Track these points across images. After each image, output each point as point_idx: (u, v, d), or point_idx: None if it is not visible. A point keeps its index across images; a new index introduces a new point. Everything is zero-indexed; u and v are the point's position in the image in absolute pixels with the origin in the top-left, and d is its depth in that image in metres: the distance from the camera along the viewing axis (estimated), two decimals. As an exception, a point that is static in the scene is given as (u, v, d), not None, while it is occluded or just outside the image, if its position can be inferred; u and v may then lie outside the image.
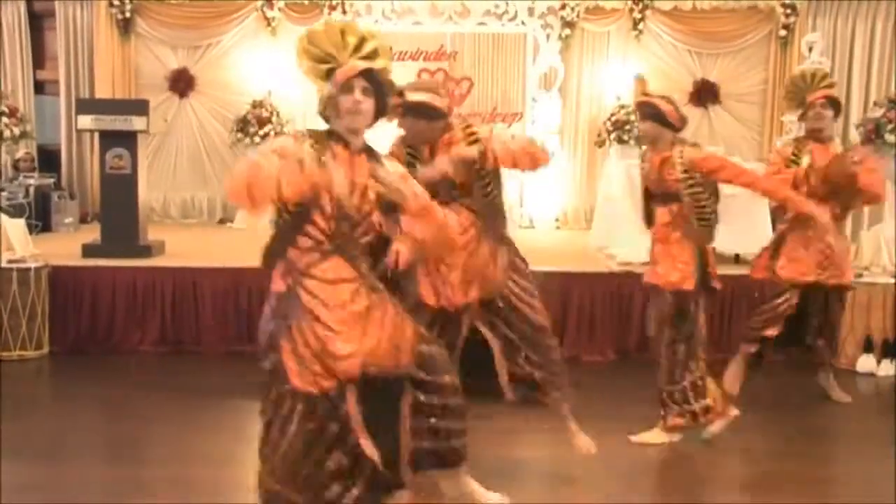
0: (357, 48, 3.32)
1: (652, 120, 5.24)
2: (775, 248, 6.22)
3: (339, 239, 3.29)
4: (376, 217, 3.38)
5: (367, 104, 3.30)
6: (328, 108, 3.34)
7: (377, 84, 3.33)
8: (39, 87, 11.92)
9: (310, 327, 3.26)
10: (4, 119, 8.11)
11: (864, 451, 5.72)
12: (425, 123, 4.64)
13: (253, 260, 5.87)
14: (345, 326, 3.29)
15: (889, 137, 8.01)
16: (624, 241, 8.03)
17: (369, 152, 3.39)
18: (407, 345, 3.45)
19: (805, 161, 5.87)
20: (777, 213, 6.37)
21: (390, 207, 3.41)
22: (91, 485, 4.96)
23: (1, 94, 8.39)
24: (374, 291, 3.41)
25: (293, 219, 3.24)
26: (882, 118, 8.07)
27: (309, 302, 3.27)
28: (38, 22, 11.80)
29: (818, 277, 6.03)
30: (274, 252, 3.34)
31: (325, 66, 3.30)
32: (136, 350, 7.61)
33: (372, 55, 3.33)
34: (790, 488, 5.06)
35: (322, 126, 3.37)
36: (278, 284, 3.32)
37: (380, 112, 3.39)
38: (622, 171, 8.34)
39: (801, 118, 6.13)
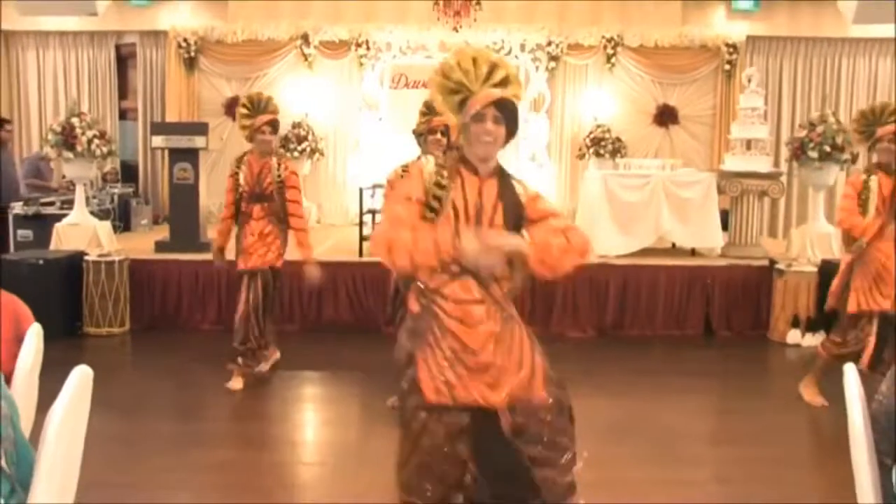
0: (488, 76, 2.84)
1: None
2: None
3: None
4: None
5: (499, 132, 2.80)
6: (461, 135, 2.88)
7: (508, 112, 2.82)
8: (123, 114, 11.98)
9: (445, 343, 2.79)
10: (96, 140, 8.11)
11: (791, 405, 5.73)
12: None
13: (292, 254, 5.93)
14: (478, 344, 2.77)
15: (811, 153, 7.97)
16: (601, 237, 8.02)
17: (501, 176, 2.86)
18: (539, 381, 2.87)
19: (874, 190, 5.21)
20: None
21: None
22: (162, 436, 5.01)
23: (93, 120, 8.42)
24: (508, 317, 2.86)
25: None
26: (805, 137, 8.03)
27: (443, 320, 2.79)
28: (123, 62, 11.88)
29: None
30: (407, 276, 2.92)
31: (458, 98, 2.85)
32: (197, 328, 7.65)
33: (503, 83, 2.85)
34: (743, 439, 5.09)
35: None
36: (413, 305, 2.87)
37: (509, 137, 2.86)
38: (599, 179, 8.33)
39: (871, 150, 5.53)
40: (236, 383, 5.87)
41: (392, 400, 5.36)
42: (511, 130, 2.84)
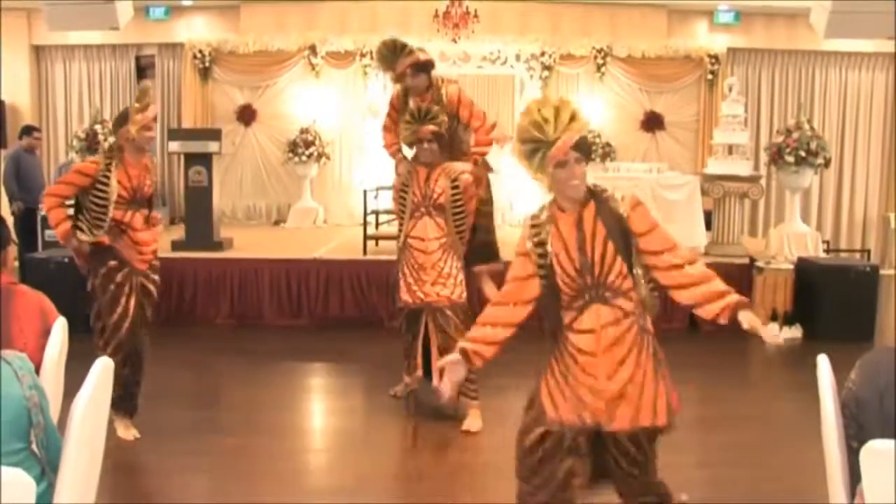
0: (557, 123, 2.70)
1: None
2: None
3: (589, 290, 2.73)
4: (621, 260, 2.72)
5: (582, 170, 2.71)
6: (552, 185, 2.76)
7: (584, 149, 2.74)
8: (142, 121, 12.00)
9: (570, 369, 2.77)
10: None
11: (769, 394, 5.76)
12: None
13: (301, 252, 5.97)
14: (605, 371, 2.72)
15: (788, 158, 8.00)
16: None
17: (594, 198, 2.76)
18: (663, 407, 2.80)
19: None
20: None
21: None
22: (179, 424, 5.03)
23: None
24: (642, 332, 2.84)
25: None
26: (783, 143, 8.05)
27: (570, 349, 2.78)
28: (142, 72, 11.87)
29: None
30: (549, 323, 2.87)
31: (539, 154, 2.70)
32: (212, 322, 7.64)
33: (571, 122, 2.72)
34: (724, 425, 5.12)
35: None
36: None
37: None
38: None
39: None
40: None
41: (395, 389, 5.39)
42: (589, 159, 2.78)
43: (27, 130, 9.29)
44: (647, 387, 2.77)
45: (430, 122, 4.91)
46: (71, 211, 4.64)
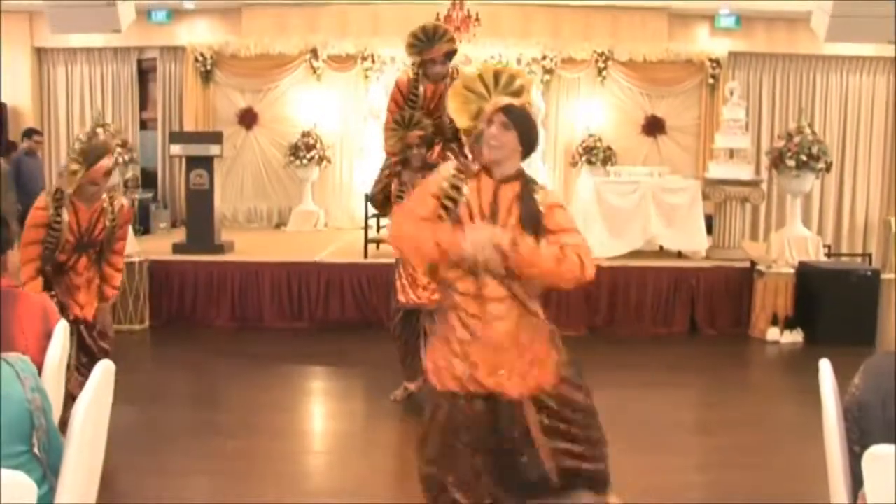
0: (506, 86, 2.82)
1: None
2: None
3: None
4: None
5: (505, 137, 2.72)
6: (476, 141, 2.82)
7: (517, 117, 2.75)
8: (143, 124, 11.99)
9: (456, 335, 2.75)
10: (118, 149, 8.15)
11: (769, 398, 5.76)
12: None
13: (301, 255, 5.97)
14: (493, 341, 2.72)
15: (789, 162, 8.00)
16: (592, 241, 8.02)
17: (523, 182, 2.80)
18: (550, 377, 2.81)
19: None
20: None
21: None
22: (180, 425, 5.04)
23: (116, 130, 8.48)
24: (527, 316, 2.78)
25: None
26: (784, 147, 8.06)
27: (460, 313, 2.75)
28: (144, 75, 11.92)
29: None
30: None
31: (475, 107, 2.83)
32: (212, 325, 7.64)
33: (518, 93, 2.82)
34: (723, 429, 5.11)
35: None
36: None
37: (526, 144, 2.79)
38: (591, 186, 8.34)
39: None
40: None
41: (395, 393, 5.39)
42: (526, 137, 2.77)
43: (28, 133, 9.30)
44: (528, 357, 2.78)
45: (416, 128, 4.94)
46: None
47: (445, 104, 4.81)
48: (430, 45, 5.06)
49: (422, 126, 4.96)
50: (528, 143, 2.79)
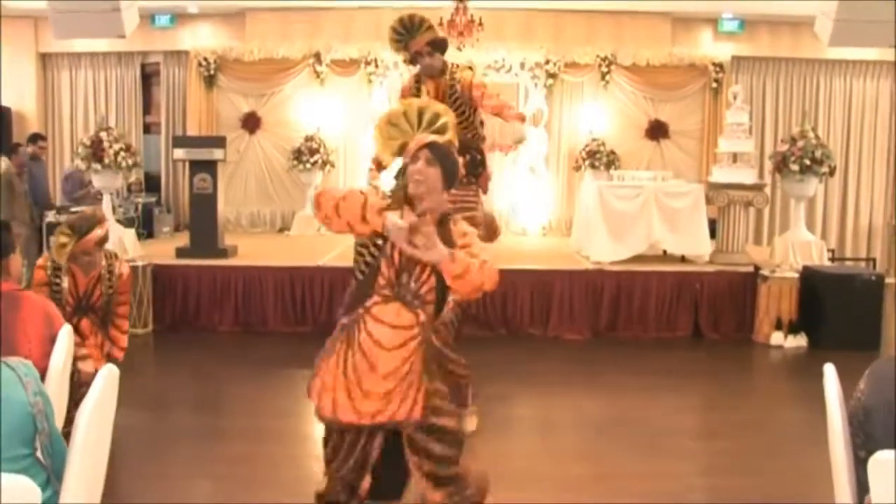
0: (429, 124, 2.92)
1: None
2: None
3: (401, 287, 2.78)
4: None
5: (429, 172, 2.78)
6: (401, 175, 2.87)
7: (441, 154, 2.81)
8: (147, 128, 12.02)
9: (352, 361, 2.80)
10: (122, 153, 8.15)
11: (773, 403, 5.74)
12: None
13: (304, 260, 5.96)
14: (388, 367, 2.76)
15: (793, 166, 8.00)
16: (596, 245, 8.04)
17: (443, 221, 2.82)
18: (419, 406, 2.81)
19: None
20: None
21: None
22: (182, 429, 5.04)
23: (120, 134, 8.49)
24: (423, 342, 2.80)
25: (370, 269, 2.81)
26: (787, 151, 8.06)
27: (362, 338, 2.79)
28: (147, 79, 11.94)
29: None
30: (356, 299, 2.87)
31: (398, 143, 2.93)
32: (215, 329, 7.64)
33: (442, 130, 2.91)
34: (727, 434, 5.10)
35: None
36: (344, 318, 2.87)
37: (448, 178, 2.83)
38: (594, 190, 8.33)
39: None
40: None
41: None
42: (448, 173, 2.82)
43: (33, 138, 9.32)
44: (411, 387, 2.79)
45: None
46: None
47: (447, 103, 4.82)
48: (411, 36, 4.93)
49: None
50: (450, 179, 2.85)
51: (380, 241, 2.79)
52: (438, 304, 2.85)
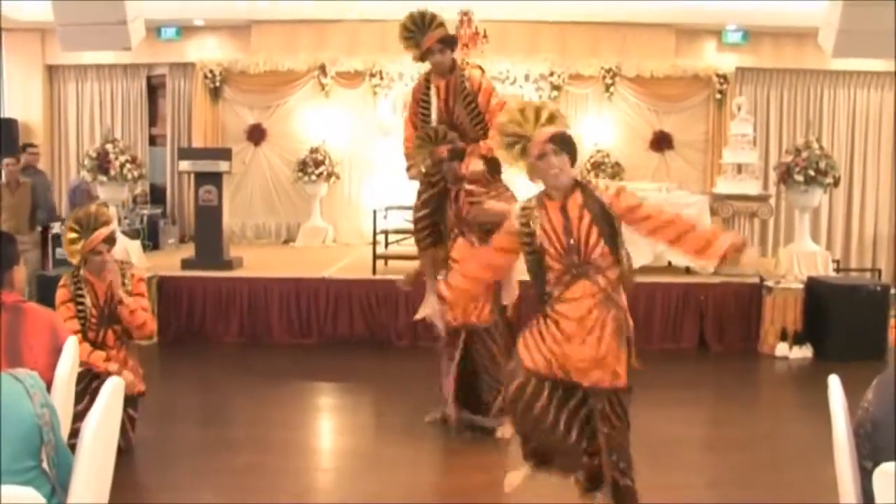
0: (537, 119, 3.11)
1: None
2: None
3: (576, 267, 3.06)
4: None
5: (562, 162, 3.06)
6: (533, 174, 3.15)
7: (563, 142, 3.08)
8: (152, 140, 12.08)
9: (549, 328, 3.12)
10: (127, 165, 8.19)
11: (779, 414, 5.72)
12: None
13: (310, 271, 5.95)
14: (578, 335, 3.06)
15: (798, 177, 8.01)
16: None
17: (581, 188, 3.12)
18: (622, 371, 3.11)
19: None
20: None
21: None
22: (188, 441, 5.04)
23: (125, 146, 8.53)
24: (611, 304, 3.11)
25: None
26: (792, 162, 8.06)
27: (554, 317, 3.11)
28: (153, 92, 12.02)
29: None
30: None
31: (518, 147, 3.13)
32: (221, 341, 7.65)
33: (550, 120, 3.11)
34: (734, 446, 5.08)
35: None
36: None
37: (573, 160, 3.11)
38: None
39: None
40: None
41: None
42: (574, 154, 3.11)
43: (23, 148, 9.32)
44: (610, 353, 3.08)
45: (444, 143, 4.84)
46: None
47: (458, 101, 4.88)
48: (422, 33, 4.92)
49: (449, 139, 4.85)
50: (575, 157, 3.13)
51: None
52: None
